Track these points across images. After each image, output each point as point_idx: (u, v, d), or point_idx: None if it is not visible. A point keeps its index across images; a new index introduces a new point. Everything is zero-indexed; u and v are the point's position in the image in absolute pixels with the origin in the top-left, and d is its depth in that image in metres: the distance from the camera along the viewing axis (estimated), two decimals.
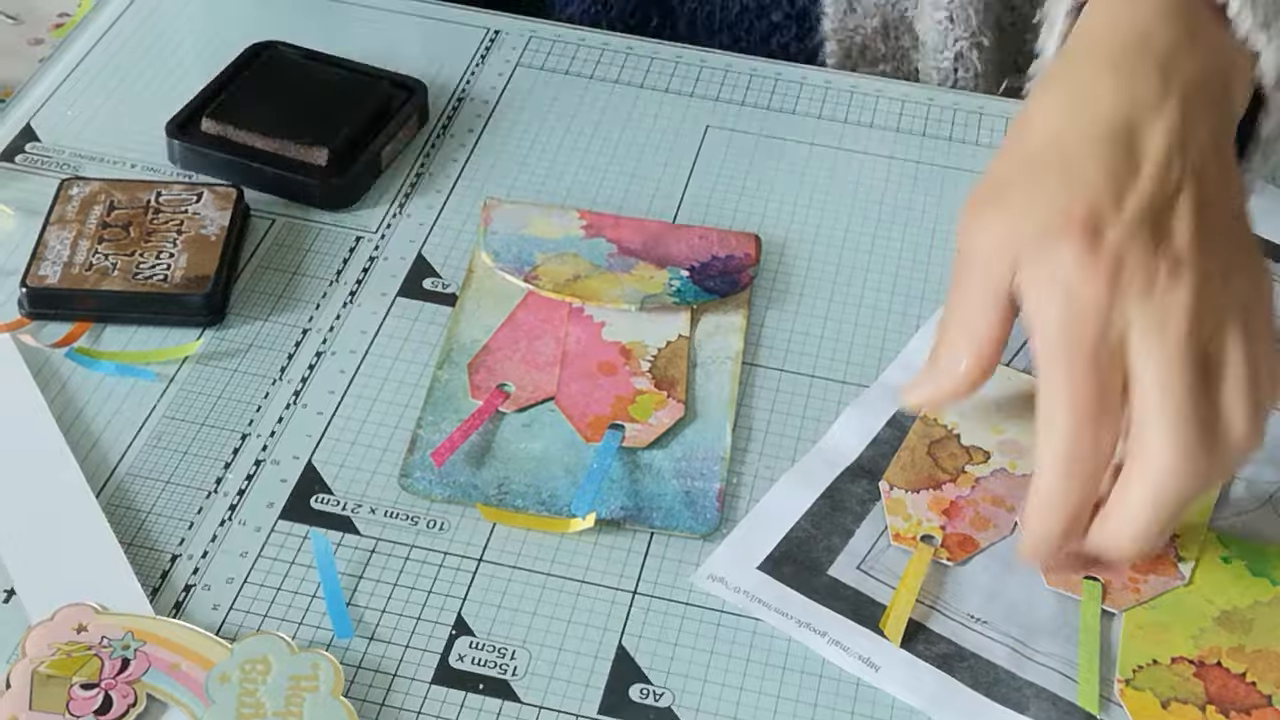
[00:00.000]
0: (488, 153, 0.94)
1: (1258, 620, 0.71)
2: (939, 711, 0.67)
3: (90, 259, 0.83)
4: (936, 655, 0.69)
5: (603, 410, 0.79)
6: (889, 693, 0.68)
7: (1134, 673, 0.69)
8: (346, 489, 0.75)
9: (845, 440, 0.78)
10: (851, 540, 0.74)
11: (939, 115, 0.98)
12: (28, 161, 0.92)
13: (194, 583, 0.71)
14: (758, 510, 0.75)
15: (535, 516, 0.74)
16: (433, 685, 0.68)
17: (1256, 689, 0.68)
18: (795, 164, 0.95)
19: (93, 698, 0.65)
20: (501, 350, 0.82)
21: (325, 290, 0.85)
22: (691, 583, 0.72)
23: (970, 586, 0.72)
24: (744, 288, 0.86)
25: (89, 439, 0.77)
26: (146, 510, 0.74)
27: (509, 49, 1.01)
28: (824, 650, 0.69)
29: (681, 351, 0.82)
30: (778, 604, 0.71)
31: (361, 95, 0.93)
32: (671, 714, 0.68)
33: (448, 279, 0.86)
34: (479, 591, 0.72)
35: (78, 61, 0.99)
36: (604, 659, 0.70)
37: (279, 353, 0.82)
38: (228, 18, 1.02)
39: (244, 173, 0.89)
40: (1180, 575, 0.73)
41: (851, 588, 0.72)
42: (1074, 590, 0.72)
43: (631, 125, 0.97)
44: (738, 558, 0.73)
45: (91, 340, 0.82)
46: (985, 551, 0.73)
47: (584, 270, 0.85)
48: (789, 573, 0.72)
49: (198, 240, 0.84)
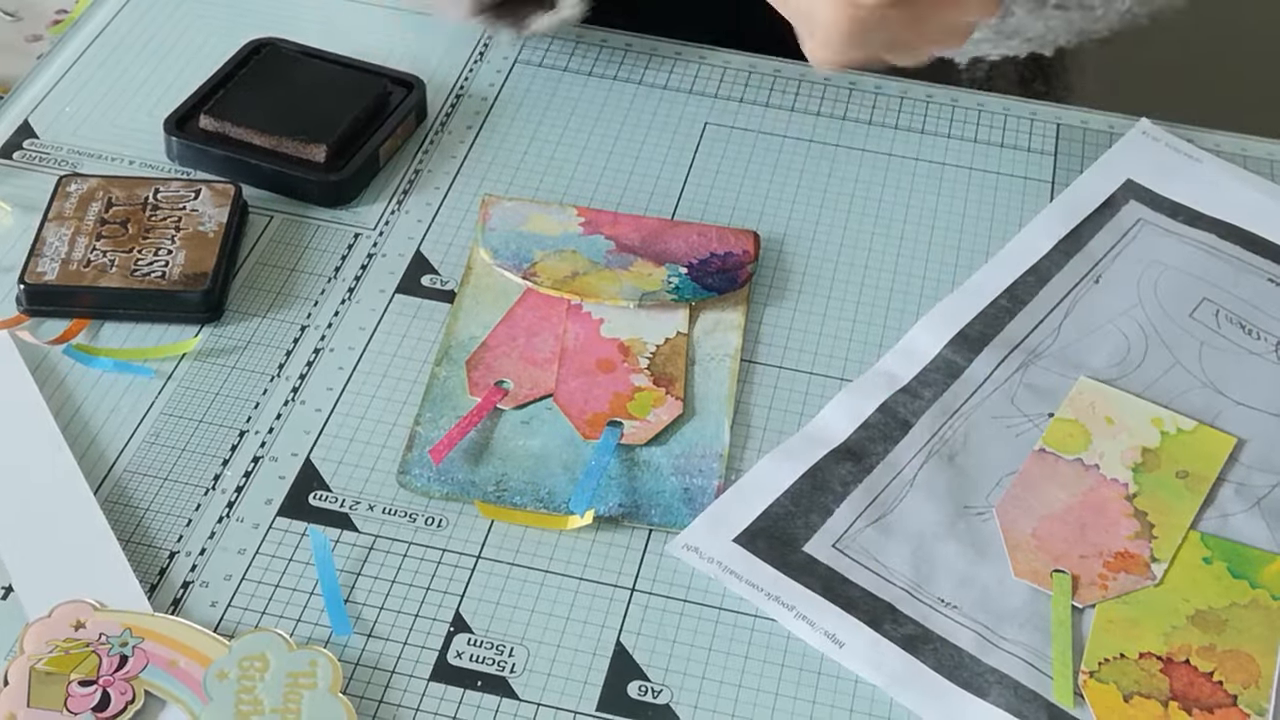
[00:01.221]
0: (486, 149, 0.94)
1: (1232, 621, 0.71)
2: (900, 691, 0.68)
3: (88, 255, 0.83)
4: (903, 636, 0.70)
5: (601, 407, 0.79)
6: (852, 670, 0.69)
7: (1099, 665, 0.69)
8: (345, 486, 0.75)
9: (835, 422, 0.79)
10: (830, 519, 0.74)
11: (937, 112, 0.98)
12: (26, 158, 0.92)
13: (192, 579, 0.71)
14: (739, 484, 0.76)
15: (533, 514, 0.74)
16: (431, 682, 0.68)
17: (1223, 688, 0.69)
18: (794, 161, 0.95)
19: (91, 694, 0.65)
20: (500, 347, 0.82)
21: (323, 287, 0.85)
22: (665, 549, 0.73)
23: (945, 571, 0.72)
24: (742, 285, 0.85)
25: (87, 436, 0.77)
26: (144, 507, 0.74)
27: (507, 46, 1.01)
28: (791, 624, 0.70)
29: (680, 348, 0.82)
30: (749, 576, 0.72)
31: (360, 92, 0.93)
32: (670, 711, 0.68)
33: (446, 276, 0.86)
34: (477, 589, 0.72)
35: (75, 58, 0.98)
36: (602, 656, 0.70)
37: (277, 349, 0.82)
38: (226, 14, 1.02)
39: (242, 169, 0.89)
40: (1152, 575, 0.73)
41: (825, 565, 0.72)
42: (1043, 584, 0.72)
43: (630, 122, 0.97)
44: (715, 529, 0.74)
45: (89, 337, 0.82)
46: (961, 538, 0.74)
47: (582, 267, 0.85)
48: (763, 547, 0.73)
49: (196, 237, 0.84)
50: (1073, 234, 0.89)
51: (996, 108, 0.99)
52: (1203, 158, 0.95)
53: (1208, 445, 0.79)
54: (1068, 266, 0.87)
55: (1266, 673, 0.70)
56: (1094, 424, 0.79)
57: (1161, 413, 0.80)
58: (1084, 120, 0.98)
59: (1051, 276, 0.87)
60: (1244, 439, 0.79)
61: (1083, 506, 0.76)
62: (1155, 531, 0.75)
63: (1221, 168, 0.94)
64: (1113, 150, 0.95)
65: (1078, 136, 0.97)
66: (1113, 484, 0.77)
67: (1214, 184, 0.93)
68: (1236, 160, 0.95)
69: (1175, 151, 0.95)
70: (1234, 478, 0.78)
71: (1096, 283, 0.87)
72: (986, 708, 0.68)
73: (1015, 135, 0.97)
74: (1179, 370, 0.83)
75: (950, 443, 0.78)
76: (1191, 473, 0.77)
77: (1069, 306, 0.85)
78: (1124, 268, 0.88)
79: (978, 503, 0.76)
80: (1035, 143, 0.96)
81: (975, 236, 0.90)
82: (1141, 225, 0.90)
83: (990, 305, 0.85)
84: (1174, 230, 0.90)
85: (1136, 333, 0.84)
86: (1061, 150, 0.96)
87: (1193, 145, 0.96)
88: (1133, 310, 0.85)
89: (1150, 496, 0.76)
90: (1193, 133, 0.97)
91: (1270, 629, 0.71)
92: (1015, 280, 0.87)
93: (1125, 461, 0.78)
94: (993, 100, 0.99)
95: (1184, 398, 0.81)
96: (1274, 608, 0.72)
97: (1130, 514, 0.76)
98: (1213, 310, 0.86)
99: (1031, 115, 0.98)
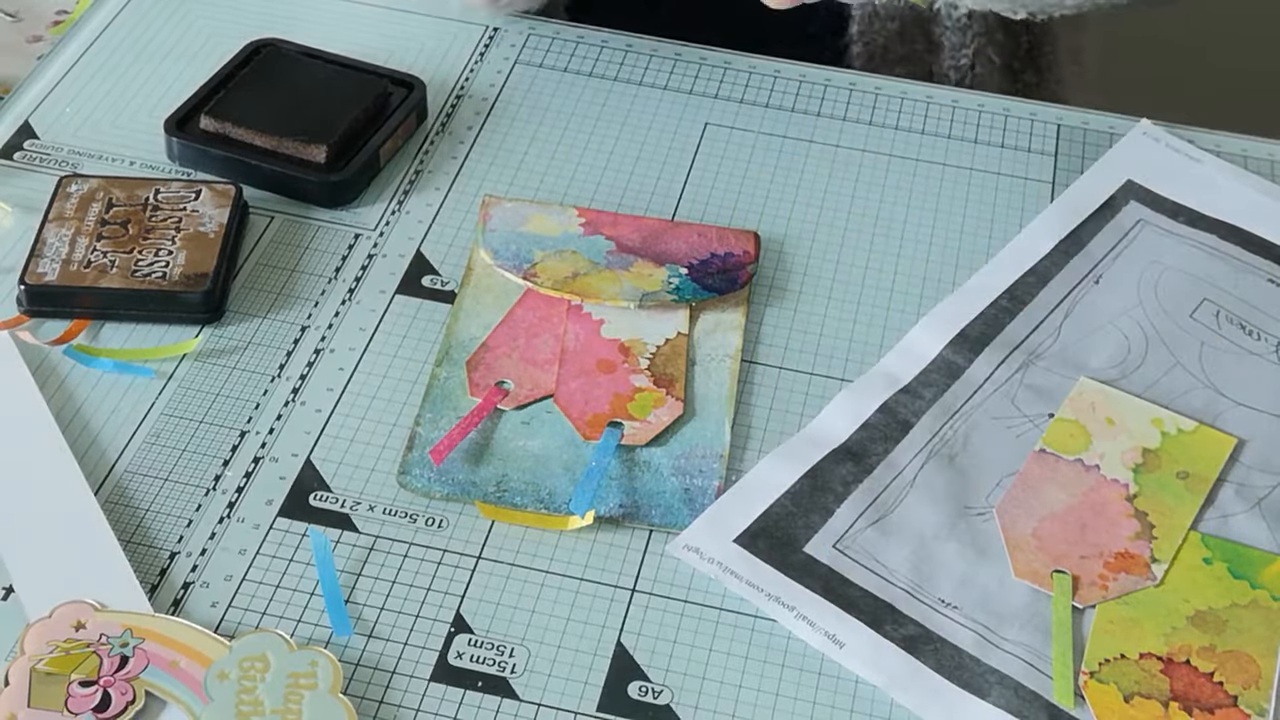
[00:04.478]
0: (486, 150, 0.94)
1: (1232, 621, 0.71)
2: (899, 692, 0.68)
3: (89, 256, 0.83)
4: (903, 637, 0.70)
5: (601, 408, 0.79)
6: (852, 670, 0.69)
7: (1100, 665, 0.69)
8: (345, 487, 0.75)
9: (835, 423, 0.79)
10: (831, 520, 0.74)
11: (937, 112, 0.98)
12: (26, 159, 0.92)
13: (193, 580, 0.71)
14: (740, 485, 0.76)
15: (534, 514, 0.74)
16: (431, 683, 0.68)
17: (1223, 688, 0.69)
18: (794, 161, 0.95)
19: (91, 695, 0.65)
20: (500, 348, 0.82)
21: (324, 288, 0.85)
22: (665, 549, 0.73)
23: (945, 572, 0.72)
24: (743, 285, 0.85)
25: (87, 436, 0.77)
26: (145, 508, 0.74)
27: (508, 46, 1.01)
28: (791, 625, 0.70)
29: (680, 349, 0.82)
30: (750, 577, 0.72)
31: (360, 92, 0.93)
32: (670, 711, 0.68)
33: (446, 276, 0.86)
34: (478, 589, 0.72)
35: (76, 59, 0.98)
36: (603, 656, 0.70)
37: (278, 350, 0.82)
38: (226, 15, 1.02)
39: (243, 170, 0.89)
40: (1152, 576, 0.73)
41: (825, 565, 0.72)
42: (1044, 584, 0.72)
43: (630, 122, 0.97)
44: (715, 530, 0.74)
45: (90, 337, 0.82)
46: (961, 538, 0.74)
47: (583, 268, 0.85)
48: (764, 547, 0.73)
49: (196, 237, 0.84)
50: (1073, 234, 0.89)
51: (997, 108, 0.99)
52: (1203, 158, 0.95)
53: (1208, 446, 0.79)
54: (1068, 267, 0.87)
55: (1267, 673, 0.70)
56: (1094, 424, 0.79)
57: (1162, 413, 0.80)
58: (1084, 121, 0.98)
59: (1052, 277, 0.87)
60: (1244, 439, 0.79)
61: (1083, 507, 0.76)
62: (1156, 532, 0.75)
63: (1222, 168, 0.94)
64: (1113, 151, 0.95)
65: (1078, 137, 0.97)
66: (1113, 484, 0.77)
67: (1214, 184, 0.93)
68: (1236, 160, 0.95)
69: (1175, 152, 0.95)
70: (1234, 478, 0.78)
71: (1097, 283, 0.87)
72: (987, 708, 0.68)
73: (1015, 136, 0.97)
74: (1179, 371, 0.83)
75: (950, 443, 0.78)
76: (1192, 473, 0.77)
77: (1069, 307, 0.85)
78: (1124, 268, 0.88)
79: (978, 503, 0.76)
80: (1035, 143, 0.96)
81: (975, 237, 0.90)
82: (1142, 226, 0.91)
83: (990, 306, 0.85)
84: (1174, 231, 0.90)
85: (1137, 333, 0.84)
86: (1062, 151, 0.96)
87: (1193, 145, 0.96)
88: (1133, 311, 0.85)
89: (1151, 497, 0.76)
90: (1193, 133, 0.97)
91: (1270, 629, 0.71)
92: (1015, 281, 0.87)
93: (1126, 462, 0.78)
94: (993, 101, 0.99)
95: (1184, 398, 0.81)
96: (1274, 608, 0.72)
97: (1130, 514, 0.76)
98: (1213, 311, 0.86)
99: (1032, 116, 0.98)
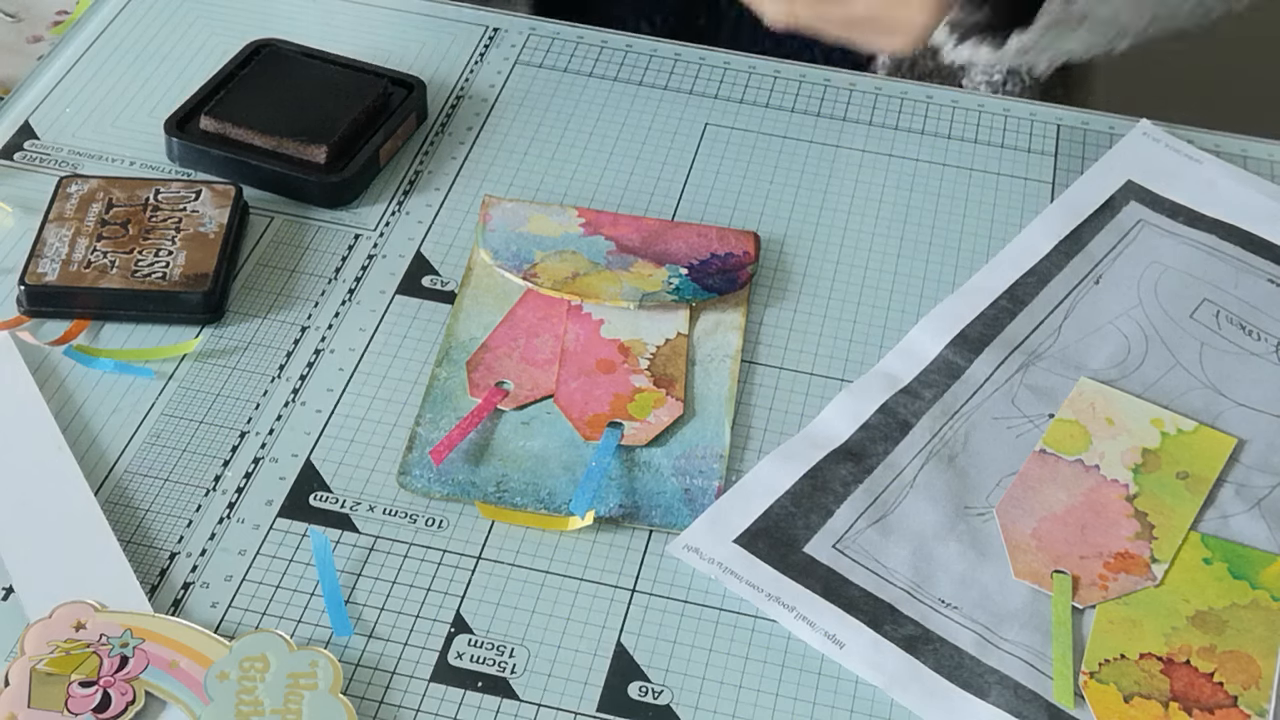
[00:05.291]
0: (486, 150, 0.94)
1: (1232, 622, 0.71)
2: (900, 692, 0.69)
3: (89, 256, 0.83)
4: (903, 637, 0.70)
5: (601, 408, 0.79)
6: (852, 670, 0.69)
7: (1100, 666, 0.69)
8: (345, 487, 0.75)
9: (835, 423, 0.79)
10: (830, 520, 0.74)
11: (937, 113, 0.98)
12: (26, 159, 0.92)
13: (193, 580, 0.71)
14: (740, 485, 0.76)
15: (534, 514, 0.74)
16: (431, 683, 0.68)
17: (1224, 689, 0.69)
18: (794, 161, 0.95)
19: (91, 695, 0.65)
20: (500, 348, 0.82)
21: (324, 288, 0.85)
22: (665, 550, 0.73)
23: (945, 572, 0.72)
24: (743, 285, 0.85)
25: (88, 437, 0.77)
26: (145, 508, 0.74)
27: (508, 46, 1.01)
28: (791, 625, 0.70)
29: (680, 349, 0.82)
30: (749, 577, 0.72)
31: (360, 93, 0.93)
32: (670, 711, 0.68)
33: (446, 277, 0.86)
34: (478, 589, 0.72)
35: (76, 59, 0.98)
36: (603, 656, 0.70)
37: (278, 350, 0.82)
38: (226, 15, 1.02)
39: (243, 170, 0.89)
40: (1152, 576, 0.73)
41: (825, 565, 0.72)
42: (1044, 584, 0.72)
43: (630, 123, 0.97)
44: (715, 530, 0.74)
45: (90, 338, 0.82)
46: (961, 538, 0.74)
47: (583, 268, 0.85)
48: (764, 547, 0.73)
49: (196, 238, 0.84)
50: (1073, 235, 0.89)
51: (996, 108, 0.99)
52: (1203, 158, 0.95)
53: (1208, 446, 0.79)
54: (1068, 267, 0.88)
55: (1267, 673, 0.70)
56: (1094, 425, 0.79)
57: (1162, 413, 0.80)
58: (1084, 121, 0.98)
59: (1052, 277, 0.87)
60: (1244, 440, 0.79)
61: (1083, 507, 0.76)
62: (1155, 532, 0.75)
63: (1221, 168, 0.94)
64: (1113, 151, 0.95)
65: (1078, 137, 0.97)
66: (1113, 485, 0.77)
67: (1214, 185, 0.93)
68: (1236, 161, 0.95)
69: (1175, 152, 0.95)
70: (1234, 478, 0.78)
71: (1097, 283, 0.87)
72: (986, 708, 0.68)
73: (1015, 136, 0.97)
74: (1179, 371, 0.83)
75: (950, 443, 0.78)
76: (1192, 473, 0.77)
77: (1069, 307, 0.85)
78: (1124, 268, 0.88)
79: (978, 503, 0.76)
80: (1035, 143, 0.96)
81: (975, 237, 0.90)
82: (1142, 226, 0.91)
83: (990, 306, 0.85)
84: (1174, 231, 0.90)
85: (1137, 333, 0.84)
86: (1062, 151, 0.96)
87: (1193, 146, 0.96)
88: (1133, 311, 0.85)
89: (1150, 497, 0.76)
90: (1193, 133, 0.97)
91: (1270, 630, 0.71)
92: (1015, 281, 0.87)
93: (1125, 462, 0.78)
94: (993, 101, 0.99)
95: (1184, 398, 0.81)
96: (1274, 608, 0.72)
97: (1130, 515, 0.76)
98: (1213, 311, 0.86)
99: (1031, 116, 0.98)
